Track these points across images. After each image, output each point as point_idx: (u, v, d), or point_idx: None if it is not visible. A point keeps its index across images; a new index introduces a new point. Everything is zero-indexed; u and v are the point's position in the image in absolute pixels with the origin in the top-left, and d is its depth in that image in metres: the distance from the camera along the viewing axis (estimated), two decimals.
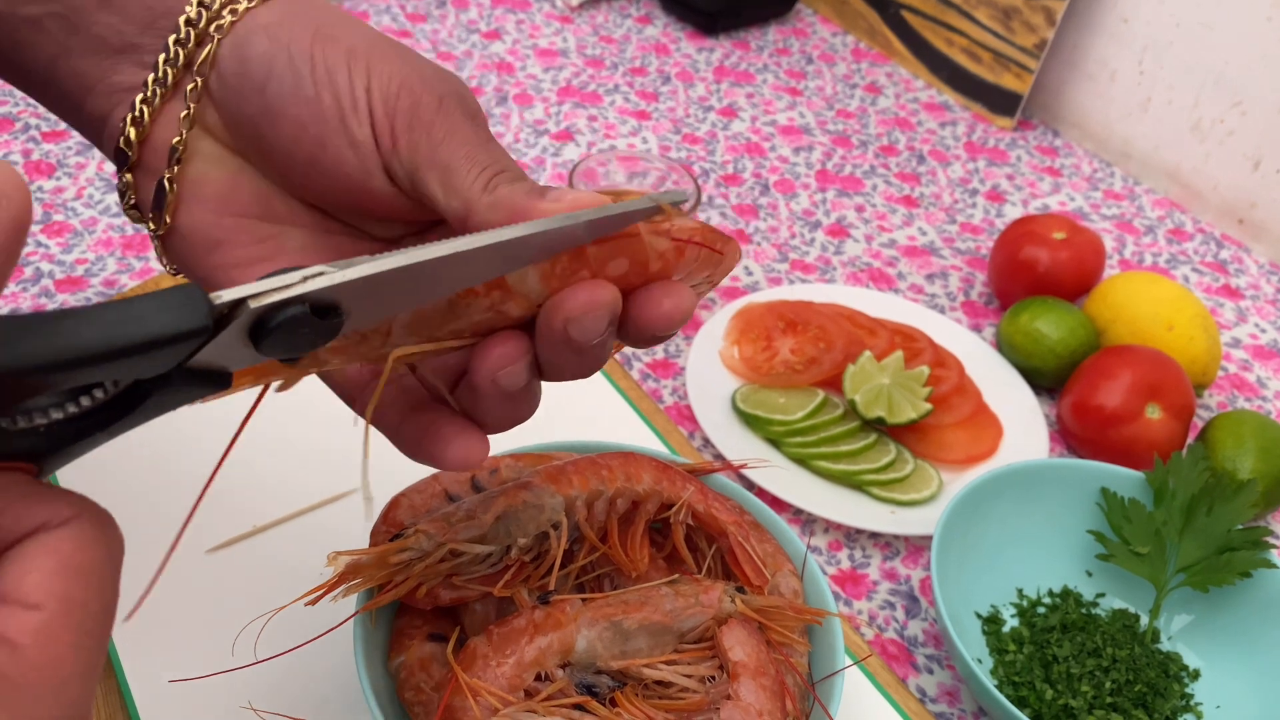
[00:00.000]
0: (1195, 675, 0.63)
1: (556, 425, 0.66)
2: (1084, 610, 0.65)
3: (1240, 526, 0.63)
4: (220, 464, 0.34)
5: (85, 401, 0.26)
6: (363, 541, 0.47)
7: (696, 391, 0.75)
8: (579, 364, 0.35)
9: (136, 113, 0.37)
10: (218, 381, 0.29)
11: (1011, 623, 0.64)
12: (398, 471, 0.53)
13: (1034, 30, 1.10)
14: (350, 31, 0.37)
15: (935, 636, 0.65)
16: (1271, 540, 0.68)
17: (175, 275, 0.41)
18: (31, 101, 0.95)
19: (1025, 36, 1.11)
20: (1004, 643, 0.63)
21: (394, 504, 0.47)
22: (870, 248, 0.95)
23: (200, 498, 0.35)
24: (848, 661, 0.48)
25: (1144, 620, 0.65)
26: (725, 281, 0.88)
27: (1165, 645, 0.64)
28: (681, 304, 0.35)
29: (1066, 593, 0.66)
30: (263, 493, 0.60)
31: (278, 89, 0.36)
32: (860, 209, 1.00)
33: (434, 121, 0.36)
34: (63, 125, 0.93)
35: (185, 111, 0.38)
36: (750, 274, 0.90)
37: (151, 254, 0.81)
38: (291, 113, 0.36)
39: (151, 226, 0.39)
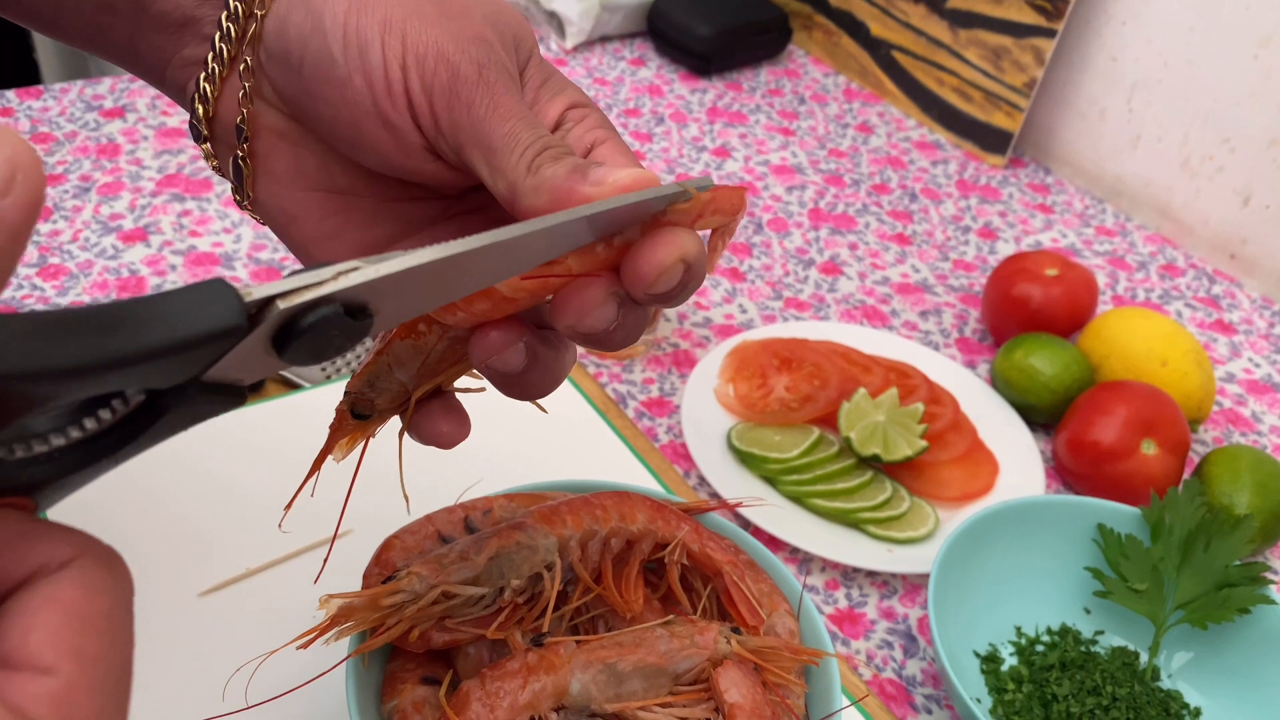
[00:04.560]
0: (1196, 714, 0.62)
1: (550, 464, 0.66)
2: (1083, 648, 0.64)
3: (1238, 562, 0.62)
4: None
5: (91, 424, 0.23)
6: (357, 584, 0.46)
7: (692, 429, 0.75)
8: (615, 340, 0.36)
9: (200, 90, 0.38)
10: (232, 396, 0.26)
11: (1010, 661, 0.64)
12: (390, 513, 0.52)
13: (1024, 69, 1.11)
14: None
15: (934, 676, 0.64)
16: (1270, 576, 0.67)
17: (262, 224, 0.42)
18: (30, 144, 0.95)
19: (1015, 76, 1.12)
20: (1003, 681, 0.62)
21: (386, 546, 0.47)
22: (864, 285, 0.96)
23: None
24: (845, 702, 0.47)
25: (1144, 658, 0.64)
26: (719, 320, 0.88)
27: (1166, 683, 0.64)
28: (675, 250, 0.33)
29: (1065, 630, 0.65)
30: (255, 535, 0.59)
31: (313, 72, 0.36)
32: (853, 247, 1.00)
33: (474, 97, 0.35)
34: (60, 169, 0.93)
35: (243, 90, 0.38)
36: (745, 312, 0.90)
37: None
38: (327, 95, 0.36)
39: (237, 198, 0.40)
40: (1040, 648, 0.64)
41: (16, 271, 0.82)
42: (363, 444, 0.40)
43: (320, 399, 0.69)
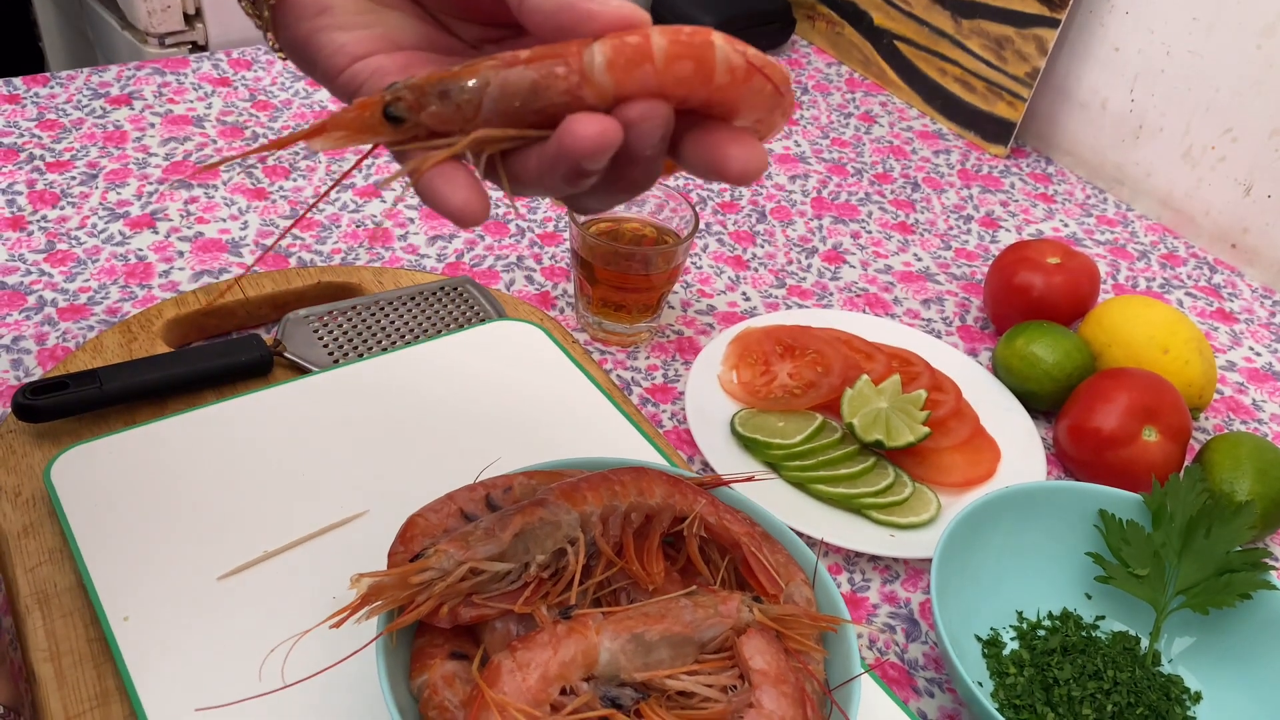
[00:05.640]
0: (1197, 698, 0.63)
1: (565, 444, 0.67)
2: (1084, 633, 0.65)
3: (1239, 548, 0.63)
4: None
5: None
6: (374, 564, 0.47)
7: (696, 416, 0.75)
8: (632, 177, 0.37)
9: None
10: None
11: (1012, 645, 0.65)
12: (404, 495, 0.53)
13: (1026, 59, 1.12)
14: None
15: (936, 660, 0.65)
16: (1271, 562, 0.68)
17: (279, 54, 0.44)
18: (37, 131, 0.95)
19: (1017, 65, 1.13)
20: (1004, 665, 0.63)
21: (410, 524, 0.48)
22: (866, 273, 0.96)
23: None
24: (862, 668, 0.48)
25: (1144, 643, 0.65)
26: (722, 308, 0.89)
27: (1166, 668, 0.65)
28: (751, 159, 0.37)
29: (1066, 615, 0.66)
30: (271, 519, 0.60)
31: None
32: (856, 235, 1.01)
33: None
34: (67, 155, 0.93)
35: None
36: (748, 299, 0.90)
37: (154, 283, 0.82)
38: None
39: None
40: (1042, 632, 0.65)
41: (24, 257, 0.82)
42: (358, 154, 0.38)
43: (329, 383, 0.69)
